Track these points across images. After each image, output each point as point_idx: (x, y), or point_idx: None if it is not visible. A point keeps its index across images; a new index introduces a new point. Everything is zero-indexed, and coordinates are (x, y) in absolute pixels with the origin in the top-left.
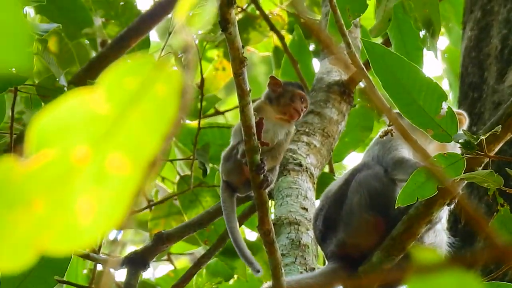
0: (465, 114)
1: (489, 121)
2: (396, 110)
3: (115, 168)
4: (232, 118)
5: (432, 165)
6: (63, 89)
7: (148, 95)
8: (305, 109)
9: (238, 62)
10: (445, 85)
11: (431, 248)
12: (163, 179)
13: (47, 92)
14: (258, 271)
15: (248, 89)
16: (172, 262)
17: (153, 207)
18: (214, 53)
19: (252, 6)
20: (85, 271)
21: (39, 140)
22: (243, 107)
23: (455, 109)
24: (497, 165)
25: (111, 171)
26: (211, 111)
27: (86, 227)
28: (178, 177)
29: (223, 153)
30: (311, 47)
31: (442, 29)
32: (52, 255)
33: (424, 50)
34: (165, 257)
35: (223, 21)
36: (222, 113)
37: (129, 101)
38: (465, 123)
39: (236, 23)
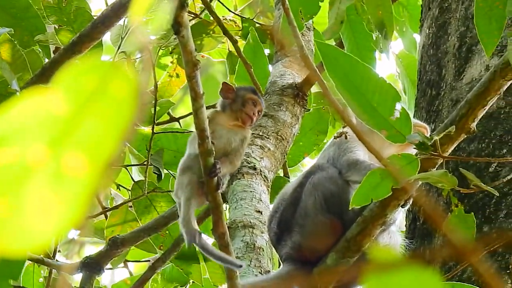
0: (427, 127)
1: (447, 119)
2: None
3: (72, 169)
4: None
5: (387, 166)
6: (16, 94)
7: (104, 95)
8: (259, 113)
9: (191, 65)
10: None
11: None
12: (118, 186)
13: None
14: (241, 266)
15: (201, 92)
16: (128, 269)
17: (109, 215)
18: (168, 60)
19: (206, 12)
20: (41, 280)
21: None
22: (196, 111)
23: (417, 121)
24: (455, 164)
25: (67, 172)
26: (166, 117)
27: (42, 229)
28: (132, 183)
29: (180, 165)
30: (267, 51)
31: (396, 34)
32: (7, 257)
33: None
34: (122, 265)
35: (175, 24)
36: (177, 119)
37: (85, 101)
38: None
39: (189, 26)
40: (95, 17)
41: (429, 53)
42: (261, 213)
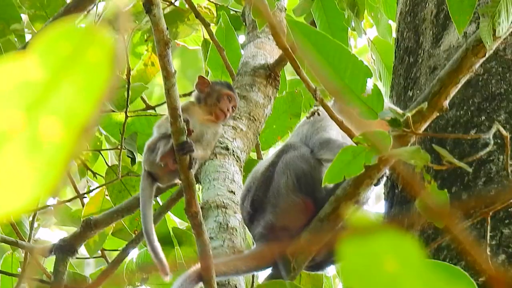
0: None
1: (425, 86)
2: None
3: (49, 135)
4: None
5: (358, 143)
6: None
7: (80, 61)
8: (233, 109)
9: (163, 44)
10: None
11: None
12: (94, 174)
13: None
14: (166, 274)
15: (173, 70)
16: (106, 258)
17: (85, 203)
18: (143, 49)
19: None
20: (19, 270)
21: None
22: (168, 89)
23: (391, 105)
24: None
25: (44, 138)
26: (141, 105)
27: (20, 194)
28: (107, 168)
29: (147, 143)
30: (241, 39)
31: (371, 21)
32: None
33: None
34: (99, 253)
35: (147, 3)
36: (153, 107)
37: (62, 66)
38: None
39: (160, 5)
40: (68, 2)
41: (406, 20)
42: (234, 193)
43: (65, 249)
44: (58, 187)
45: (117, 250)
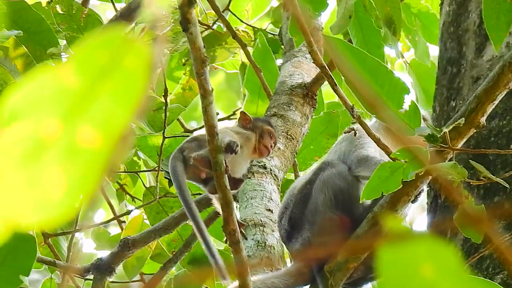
0: (426, 115)
1: (468, 96)
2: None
3: (86, 142)
4: None
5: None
6: None
7: (118, 68)
8: (274, 145)
9: (200, 62)
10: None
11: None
12: (133, 199)
13: None
14: (224, 277)
15: (210, 88)
16: (144, 282)
17: (124, 228)
18: (181, 73)
19: (218, 24)
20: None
21: (11, 114)
22: (205, 107)
23: (422, 111)
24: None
25: (81, 145)
26: (179, 128)
27: (57, 201)
28: (144, 189)
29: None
30: (279, 62)
31: (408, 43)
32: (24, 230)
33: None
34: (138, 277)
35: (184, 21)
36: (191, 131)
37: (99, 75)
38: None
39: (197, 23)
40: (104, 24)
41: (449, 31)
42: (272, 212)
43: (103, 268)
44: (95, 202)
45: (155, 274)
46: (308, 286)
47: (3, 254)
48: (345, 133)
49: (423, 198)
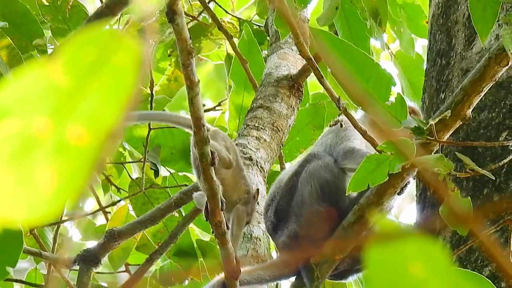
0: (416, 107)
1: (457, 88)
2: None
3: (75, 139)
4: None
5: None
6: None
7: (107, 65)
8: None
9: (186, 53)
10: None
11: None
12: (118, 189)
13: None
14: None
15: (196, 80)
16: (129, 273)
17: (109, 219)
18: (166, 64)
19: (203, 15)
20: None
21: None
22: (191, 99)
23: (409, 103)
24: (466, 135)
25: (70, 142)
26: None
27: (47, 198)
28: (130, 181)
29: None
30: (264, 53)
31: (394, 35)
32: (13, 227)
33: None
34: (123, 268)
35: (170, 12)
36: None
37: (88, 71)
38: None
39: (183, 14)
40: (90, 15)
41: (438, 23)
42: (258, 204)
43: (89, 259)
44: (82, 195)
45: (141, 265)
46: (294, 277)
47: None
48: (330, 126)
49: (411, 188)
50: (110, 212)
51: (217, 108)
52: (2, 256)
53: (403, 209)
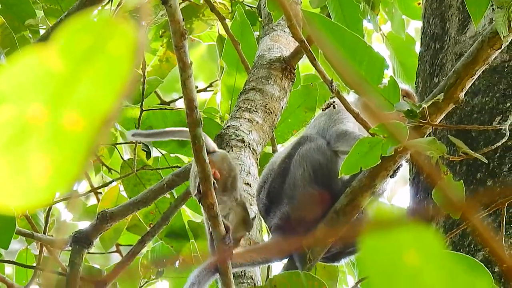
0: (410, 89)
1: (451, 72)
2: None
3: (70, 125)
4: None
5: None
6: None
7: (102, 51)
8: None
9: (179, 35)
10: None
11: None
12: (109, 170)
13: None
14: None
15: (189, 62)
16: (121, 253)
17: (100, 198)
18: (158, 44)
19: None
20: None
21: None
22: (184, 81)
23: (403, 85)
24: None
25: (66, 129)
26: (156, 101)
27: (42, 184)
28: (122, 162)
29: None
30: (256, 34)
31: (385, 16)
32: (8, 212)
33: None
34: (114, 248)
35: None
36: (168, 103)
37: (83, 58)
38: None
39: None
40: None
41: (432, 7)
42: (250, 186)
43: (81, 241)
44: (77, 180)
45: (132, 245)
46: (287, 260)
47: None
48: (323, 109)
49: (404, 172)
50: (101, 193)
51: (208, 89)
52: None
53: (396, 192)
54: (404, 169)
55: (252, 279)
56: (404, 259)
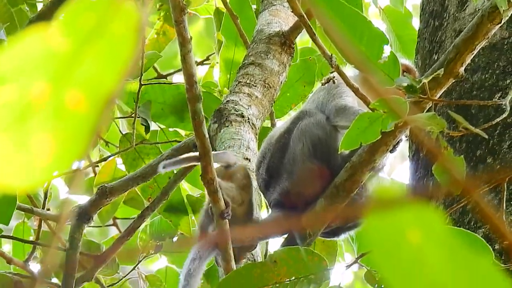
0: (410, 64)
1: (451, 47)
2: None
3: (73, 105)
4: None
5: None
6: (3, 42)
7: (105, 31)
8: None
9: (179, 10)
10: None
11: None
12: (107, 143)
13: None
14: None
15: (189, 36)
16: (117, 227)
17: (97, 172)
18: (155, 18)
19: None
20: (31, 238)
21: None
22: (184, 56)
23: (403, 60)
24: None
25: (69, 108)
26: (153, 74)
27: (44, 164)
28: (120, 136)
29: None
30: (254, 7)
31: None
32: (10, 191)
33: None
34: (111, 222)
35: None
36: (165, 76)
37: (86, 37)
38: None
39: None
40: None
41: None
42: (249, 161)
43: (80, 216)
44: (80, 159)
45: (129, 218)
46: (286, 235)
47: None
48: (322, 84)
49: (403, 148)
50: (98, 166)
51: (205, 62)
52: None
53: (395, 168)
54: (403, 146)
55: (252, 254)
56: (406, 236)
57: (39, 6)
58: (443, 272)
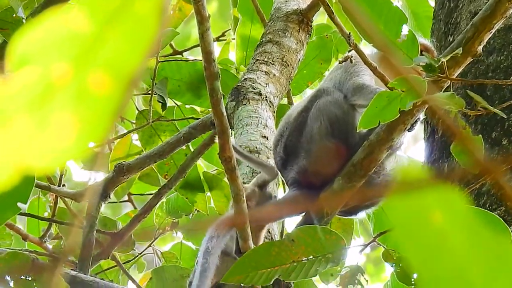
0: (429, 44)
1: (469, 25)
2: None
3: (96, 86)
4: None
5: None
6: (22, 21)
7: (128, 11)
8: None
9: None
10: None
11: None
12: (122, 119)
13: (5, 24)
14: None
15: (207, 14)
16: (132, 203)
17: (113, 148)
18: None
19: None
20: (46, 214)
21: (20, 58)
22: (202, 33)
23: (422, 40)
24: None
25: (92, 89)
26: (169, 50)
27: (67, 144)
28: (137, 113)
29: None
30: None
31: None
32: (33, 172)
33: None
34: (126, 198)
35: None
36: (181, 52)
37: (109, 18)
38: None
39: None
40: None
41: None
42: (267, 139)
43: (99, 193)
44: (102, 140)
45: (143, 194)
46: (303, 214)
47: None
48: (340, 62)
49: (418, 129)
50: (113, 142)
51: (220, 38)
52: (14, 192)
53: (408, 150)
54: (418, 127)
55: (269, 233)
56: (429, 216)
57: None
58: (464, 252)
